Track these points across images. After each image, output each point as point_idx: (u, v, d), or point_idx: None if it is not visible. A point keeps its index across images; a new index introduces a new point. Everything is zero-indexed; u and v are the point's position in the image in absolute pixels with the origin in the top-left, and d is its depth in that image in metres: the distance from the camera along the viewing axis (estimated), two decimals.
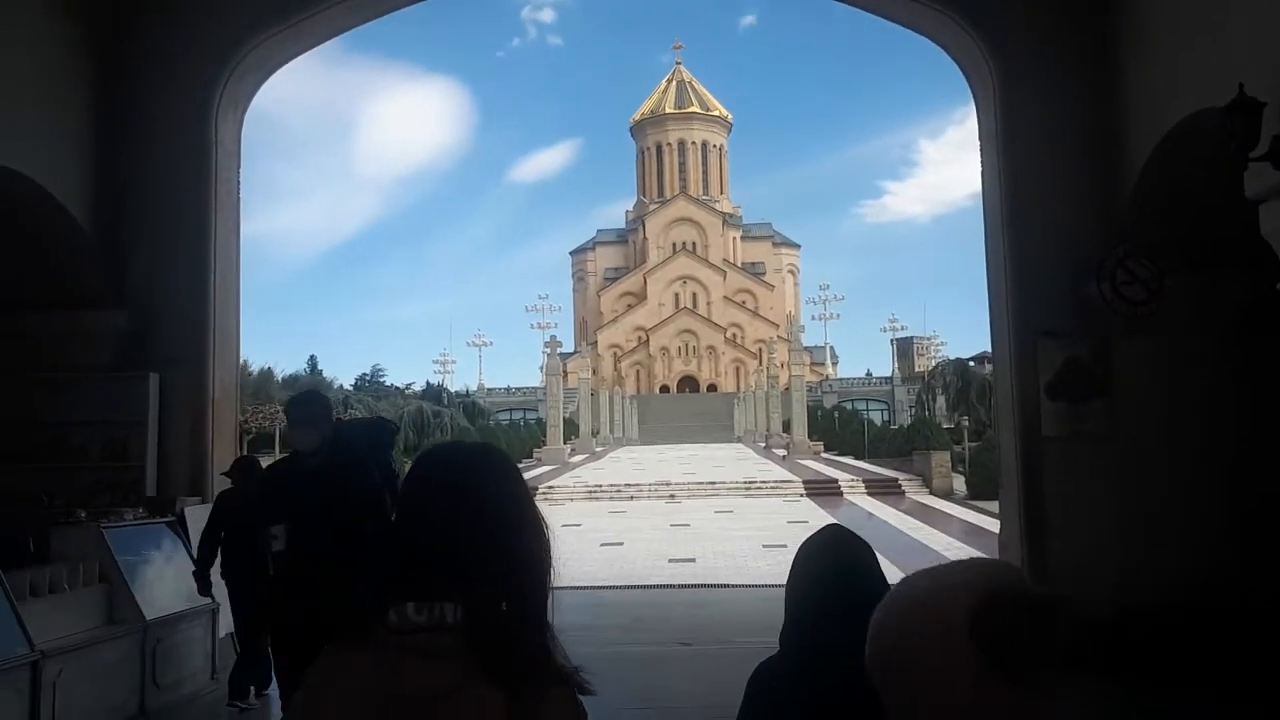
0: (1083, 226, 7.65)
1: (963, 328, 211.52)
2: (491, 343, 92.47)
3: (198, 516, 6.76)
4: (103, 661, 5.38)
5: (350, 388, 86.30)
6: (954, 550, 15.99)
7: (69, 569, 5.48)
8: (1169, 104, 6.50)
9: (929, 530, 18.87)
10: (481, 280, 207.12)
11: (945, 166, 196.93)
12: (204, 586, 6.29)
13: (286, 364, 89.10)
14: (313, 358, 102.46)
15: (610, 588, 12.23)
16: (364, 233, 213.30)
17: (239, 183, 8.34)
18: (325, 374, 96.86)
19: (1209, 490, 7.11)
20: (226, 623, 6.62)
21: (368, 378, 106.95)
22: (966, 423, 30.51)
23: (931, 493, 26.02)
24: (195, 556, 6.30)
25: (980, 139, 8.36)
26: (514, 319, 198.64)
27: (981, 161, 8.34)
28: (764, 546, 16.49)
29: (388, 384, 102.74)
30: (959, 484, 26.16)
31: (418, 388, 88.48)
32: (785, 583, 2.11)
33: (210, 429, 7.71)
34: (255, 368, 70.62)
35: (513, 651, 1.25)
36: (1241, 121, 4.75)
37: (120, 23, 7.67)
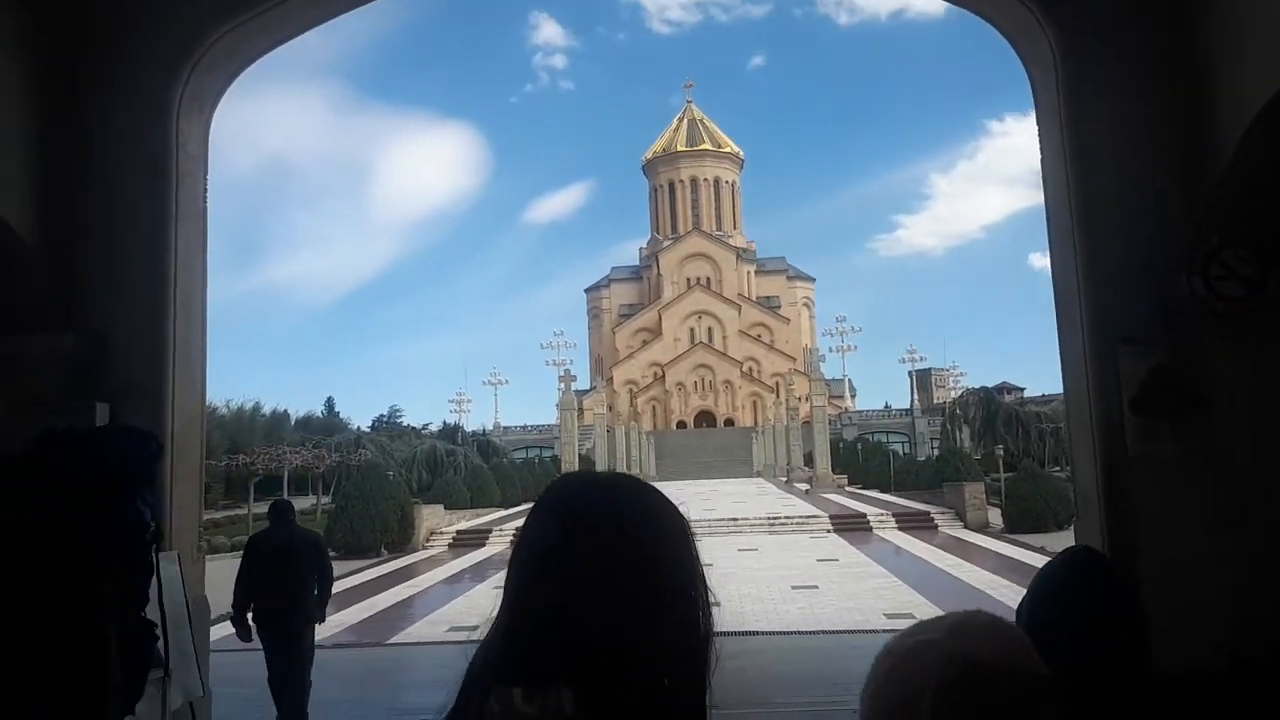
0: (1166, 215, 6.64)
1: (981, 359, 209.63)
2: (508, 381, 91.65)
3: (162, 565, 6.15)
4: None
5: (367, 429, 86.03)
6: (998, 589, 14.80)
7: None
8: (1269, 65, 5.52)
9: (969, 566, 17.69)
10: (498, 321, 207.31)
11: (957, 199, 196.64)
12: (243, 632, 6.61)
13: (305, 407, 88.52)
14: (330, 399, 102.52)
15: None
16: (382, 276, 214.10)
17: (206, 190, 7.48)
18: (342, 415, 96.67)
19: None
20: (192, 688, 5.90)
21: (385, 418, 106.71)
22: (1001, 452, 29.24)
23: (966, 526, 24.79)
24: (232, 602, 6.57)
25: (1039, 123, 7.39)
26: (530, 358, 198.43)
27: (1041, 150, 7.36)
28: (793, 588, 15.36)
29: (404, 424, 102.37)
30: (994, 516, 24.92)
31: (434, 427, 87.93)
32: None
33: (170, 466, 6.74)
34: (268, 409, 70.26)
35: None
36: None
37: (67, 13, 6.85)
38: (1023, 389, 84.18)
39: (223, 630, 11.71)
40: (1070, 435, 7.70)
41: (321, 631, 13.15)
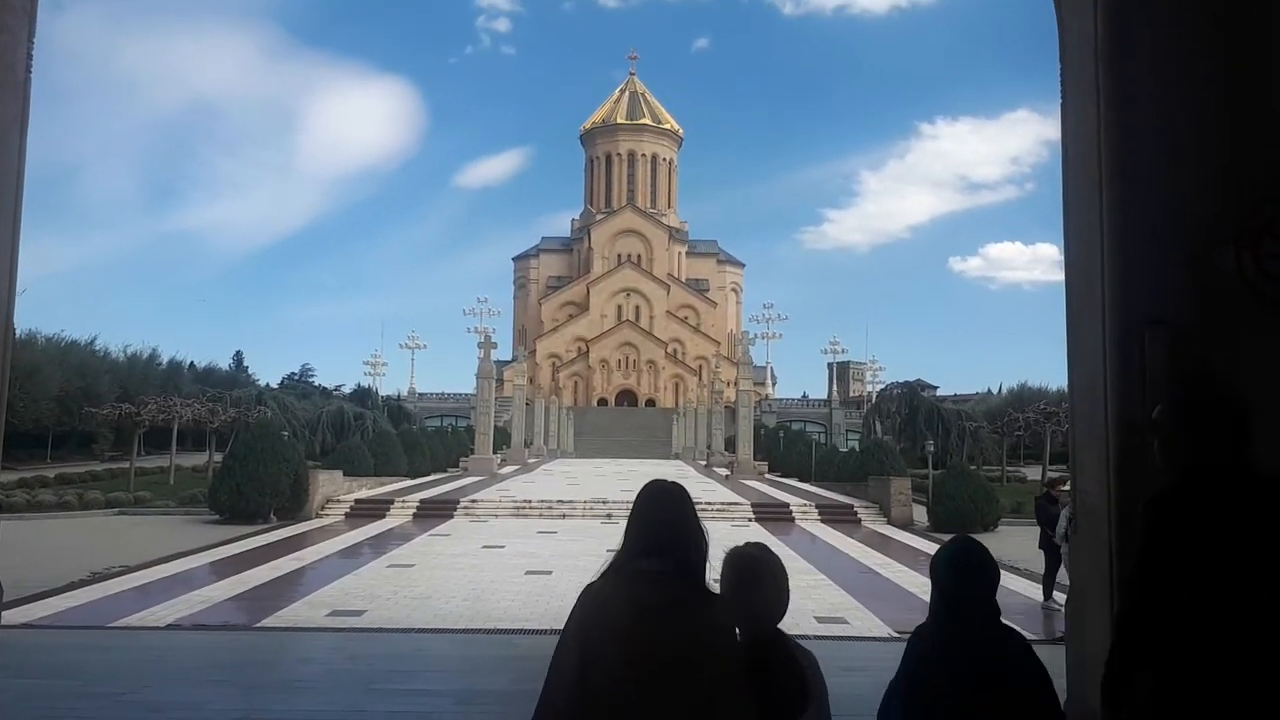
0: (1213, 179, 5.58)
1: (896, 356, 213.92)
2: (426, 346, 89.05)
3: None
4: None
5: (275, 386, 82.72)
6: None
7: None
8: None
9: (898, 566, 16.83)
10: (421, 285, 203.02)
11: (884, 197, 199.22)
12: None
13: (211, 359, 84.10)
14: (238, 353, 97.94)
15: (532, 632, 9.83)
16: (304, 230, 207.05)
17: (30, 58, 5.84)
18: (250, 370, 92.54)
19: None
20: None
21: (296, 376, 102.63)
22: (931, 448, 28.72)
23: (890, 522, 24.12)
24: None
25: (1061, 59, 6.31)
26: (453, 325, 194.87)
27: (1063, 91, 6.26)
28: (715, 581, 14.27)
29: (316, 384, 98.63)
30: (919, 514, 24.32)
31: (348, 389, 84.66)
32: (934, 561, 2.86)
33: None
34: (166, 358, 66.47)
35: (704, 582, 2.50)
36: None
37: None
38: (936, 387, 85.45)
39: (22, 614, 9.81)
40: (1074, 435, 6.62)
41: (177, 610, 11.54)
